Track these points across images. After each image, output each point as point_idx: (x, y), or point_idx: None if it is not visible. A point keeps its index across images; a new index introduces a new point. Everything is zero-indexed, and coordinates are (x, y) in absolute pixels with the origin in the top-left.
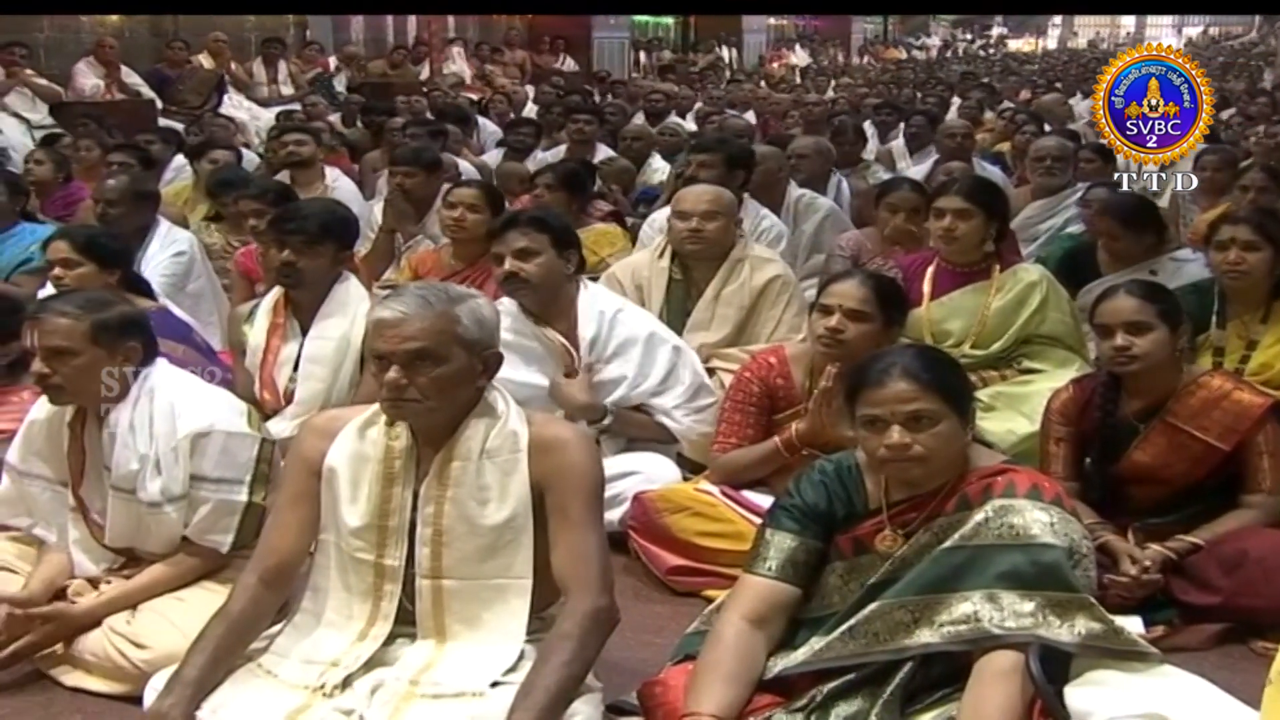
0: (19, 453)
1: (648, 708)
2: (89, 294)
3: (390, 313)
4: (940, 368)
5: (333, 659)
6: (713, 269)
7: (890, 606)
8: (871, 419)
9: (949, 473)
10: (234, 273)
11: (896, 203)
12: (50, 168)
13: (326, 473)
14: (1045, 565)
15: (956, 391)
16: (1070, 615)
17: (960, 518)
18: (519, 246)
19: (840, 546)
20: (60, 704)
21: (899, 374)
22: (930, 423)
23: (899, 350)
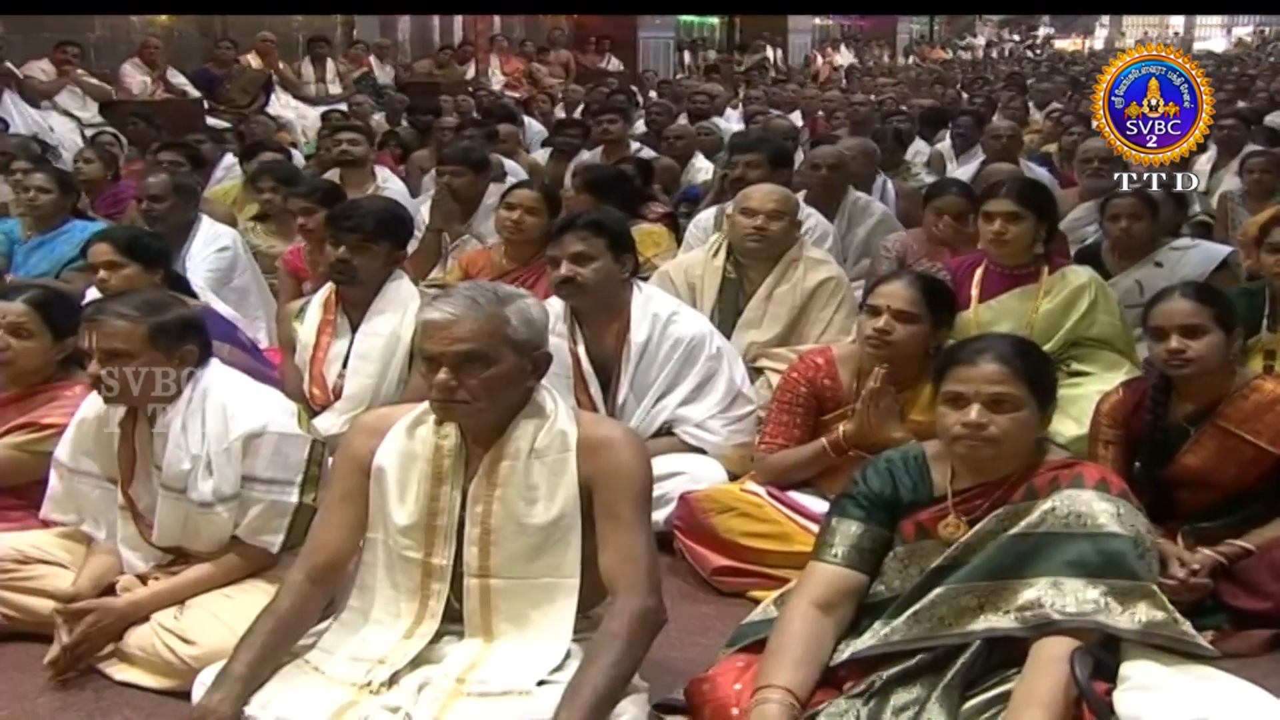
0: (69, 450)
1: (695, 705)
2: (147, 296)
3: (439, 314)
4: (1032, 358)
5: (380, 656)
6: (767, 268)
7: (957, 591)
8: (955, 395)
9: (1016, 462)
10: (281, 271)
11: (944, 206)
12: (99, 166)
13: (375, 471)
14: (1110, 554)
15: (1042, 384)
16: (1133, 603)
17: (1026, 506)
18: (575, 250)
19: (903, 531)
20: (109, 698)
21: (992, 356)
22: (1010, 407)
23: (996, 335)
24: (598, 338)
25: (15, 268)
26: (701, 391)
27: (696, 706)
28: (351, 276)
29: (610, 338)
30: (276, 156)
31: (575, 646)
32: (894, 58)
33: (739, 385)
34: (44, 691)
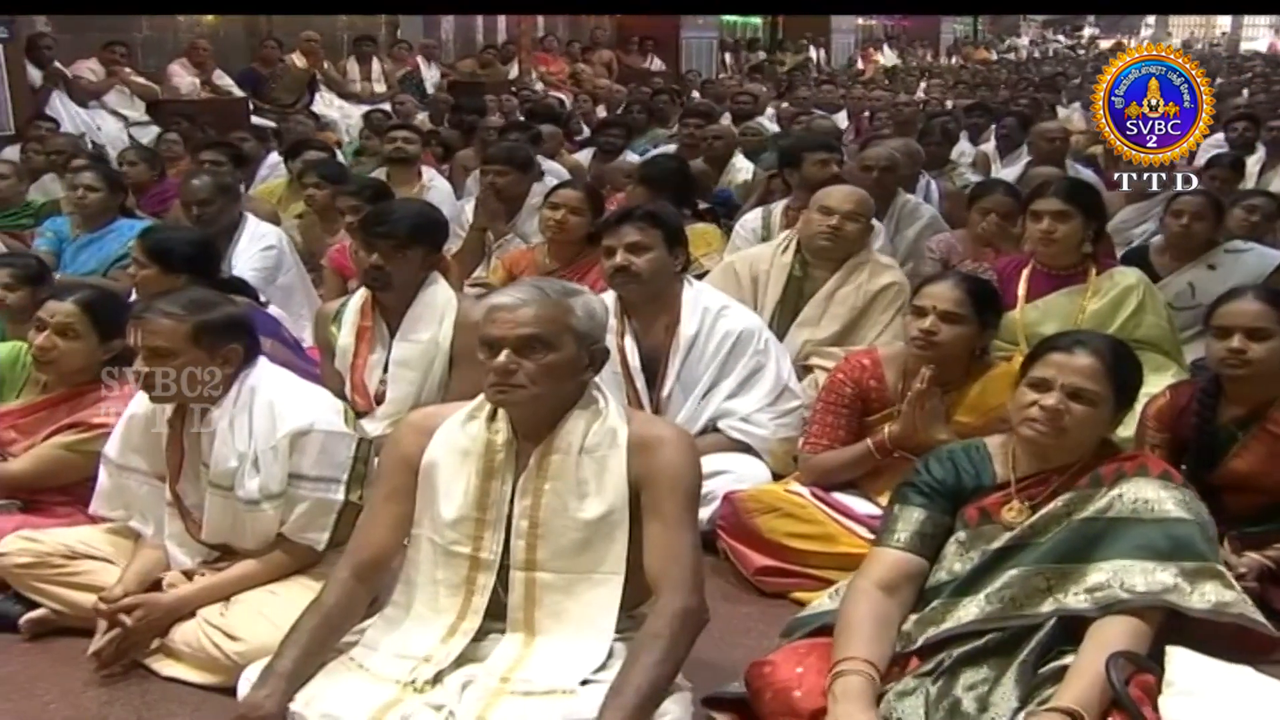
0: (117, 447)
1: (755, 689)
2: (194, 295)
3: (506, 299)
4: (1124, 361)
5: (424, 654)
6: (833, 268)
7: (1027, 574)
8: (1040, 380)
9: (1077, 454)
10: (326, 270)
11: (990, 205)
12: (144, 167)
13: (425, 467)
14: (1178, 538)
15: (1126, 387)
16: (1202, 583)
17: (1091, 493)
18: (631, 240)
19: (965, 516)
20: (155, 693)
21: (1089, 350)
22: (1089, 402)
23: (1094, 333)
24: (647, 331)
25: (64, 265)
26: (748, 385)
27: (757, 690)
28: (386, 283)
29: (659, 331)
30: (321, 155)
31: (619, 645)
32: (937, 58)
33: (785, 379)
34: (91, 685)
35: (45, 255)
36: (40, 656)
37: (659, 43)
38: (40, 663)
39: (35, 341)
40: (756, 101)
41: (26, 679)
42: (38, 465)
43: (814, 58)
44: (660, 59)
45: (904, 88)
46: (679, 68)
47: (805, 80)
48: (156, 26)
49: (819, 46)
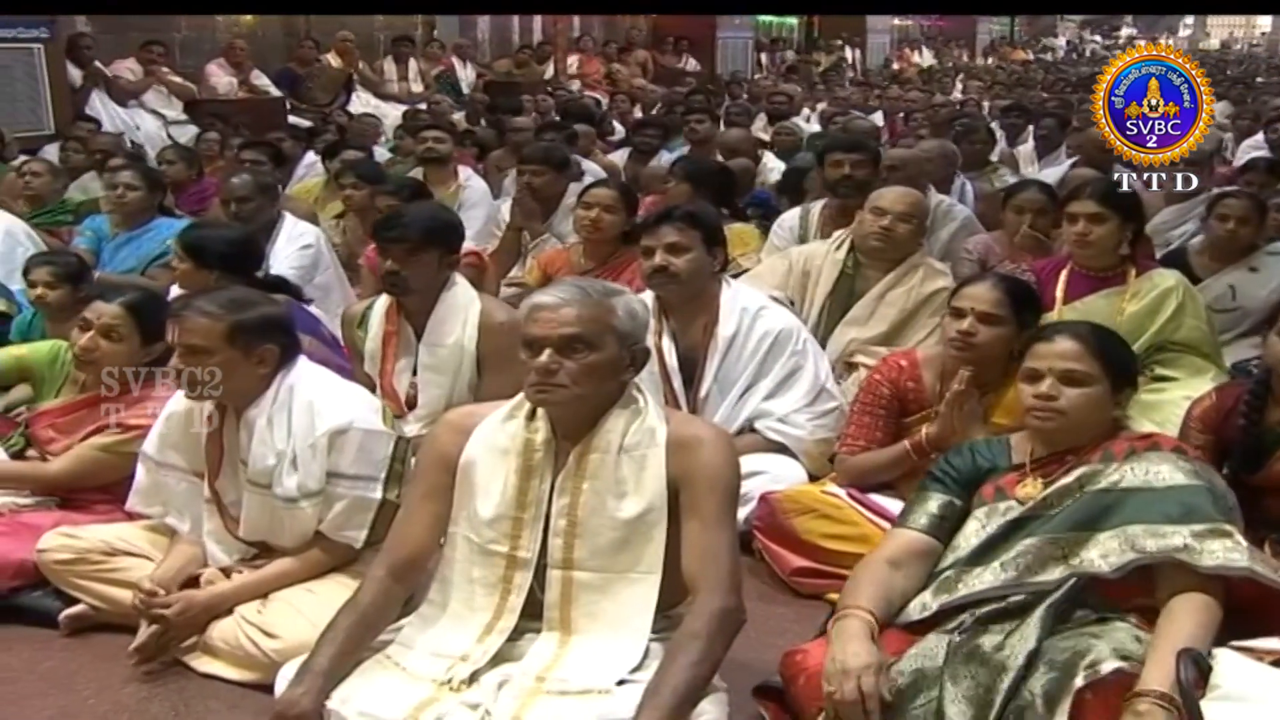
0: (156, 443)
1: (789, 675)
2: (233, 294)
3: (548, 298)
4: (1107, 339)
5: (460, 653)
6: (886, 269)
7: (1041, 542)
8: (1031, 371)
9: (1087, 435)
10: (363, 269)
11: (1023, 204)
12: (182, 166)
13: (464, 466)
14: (1188, 503)
15: (1116, 363)
16: (1210, 541)
17: (1102, 468)
18: (670, 241)
19: (983, 494)
20: (193, 690)
21: (1069, 334)
22: (1081, 383)
23: (1078, 321)
24: (684, 331)
25: (103, 264)
26: (786, 385)
27: (791, 677)
28: (404, 287)
29: (697, 332)
30: (357, 155)
31: (655, 645)
32: (973, 58)
33: (823, 380)
34: (130, 681)
35: (84, 253)
36: (79, 652)
37: (694, 43)
38: (79, 658)
39: (79, 341)
40: (792, 102)
41: (66, 674)
42: (77, 466)
43: (849, 58)
44: (696, 59)
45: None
46: (714, 68)
47: (840, 80)
48: (195, 26)
49: (854, 47)
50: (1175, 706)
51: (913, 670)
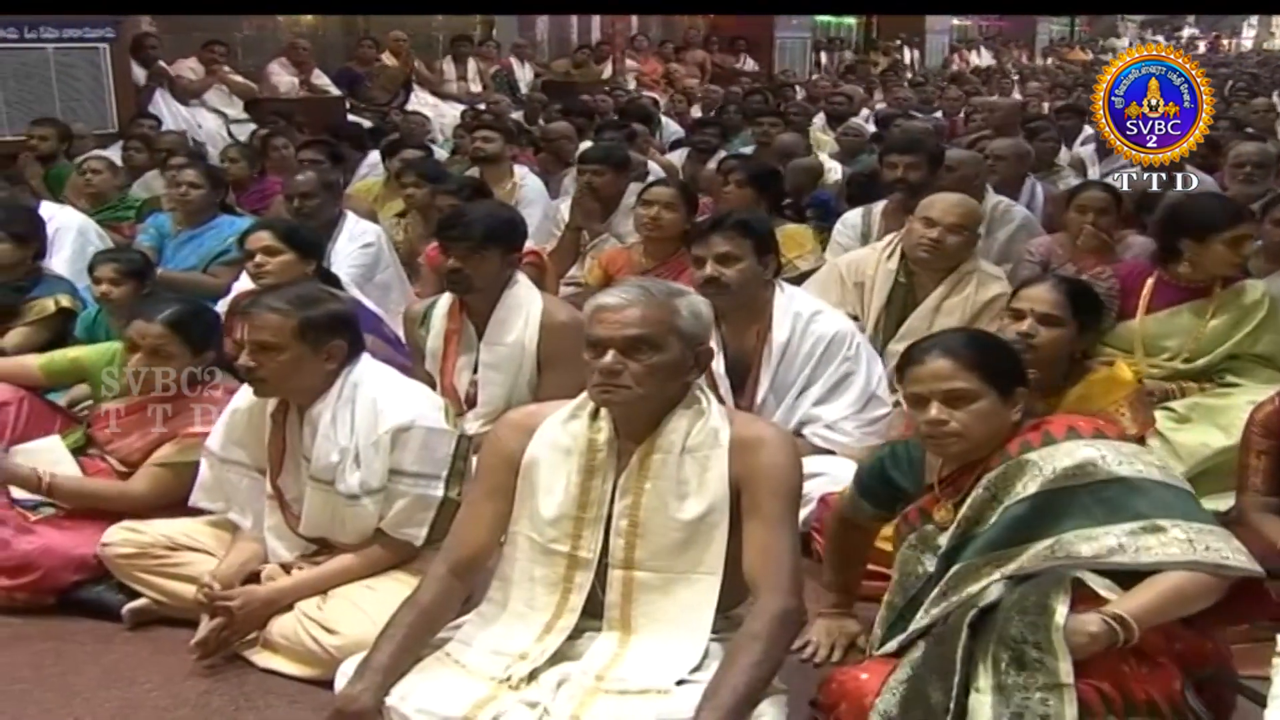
0: (220, 439)
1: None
2: (301, 290)
3: (613, 299)
4: (981, 348)
5: (520, 652)
6: (939, 278)
7: (973, 566)
8: (913, 396)
9: (989, 446)
10: (423, 267)
11: (1087, 203)
12: (244, 164)
13: (526, 465)
14: (1109, 501)
15: (998, 371)
16: (1145, 539)
17: (1005, 471)
18: (721, 251)
19: (909, 519)
20: (253, 685)
21: (939, 353)
22: (967, 400)
23: (945, 331)
24: (736, 338)
25: (165, 261)
26: (836, 391)
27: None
28: (466, 285)
29: (750, 338)
30: (417, 154)
31: (715, 646)
32: (1032, 59)
33: (874, 387)
34: (191, 675)
35: (147, 251)
36: (141, 645)
37: (752, 43)
38: (141, 652)
39: (129, 364)
40: (851, 102)
41: (128, 667)
42: (153, 487)
43: (908, 58)
44: (753, 59)
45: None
46: (772, 68)
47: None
48: (256, 26)
49: (913, 47)
50: (1124, 628)
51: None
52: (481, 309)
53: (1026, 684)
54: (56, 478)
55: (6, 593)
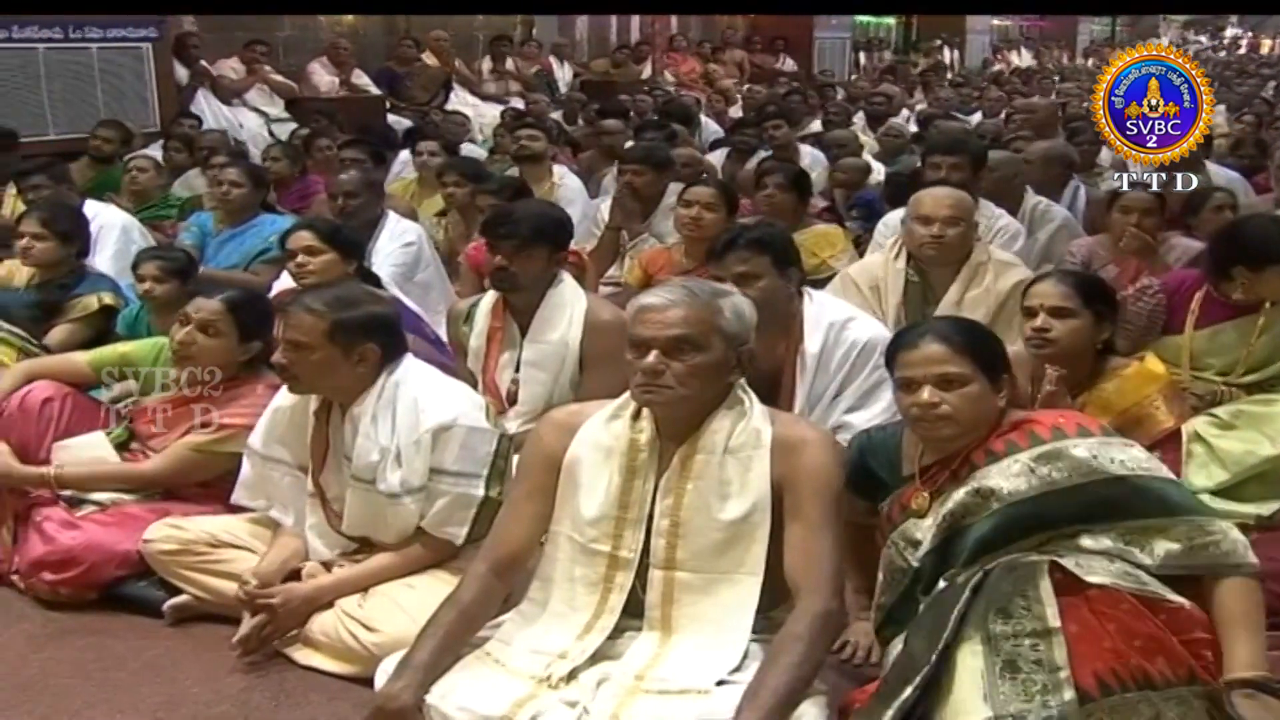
0: (262, 437)
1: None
2: (341, 292)
3: (656, 299)
4: (972, 334)
5: (560, 651)
6: (951, 273)
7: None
8: (905, 380)
9: (976, 434)
10: (463, 267)
11: (1131, 204)
12: (286, 164)
13: (568, 465)
14: (1108, 499)
15: (987, 356)
16: (1149, 540)
17: (990, 470)
18: (738, 271)
19: (890, 517)
20: (293, 681)
21: (932, 337)
22: (959, 384)
23: (935, 318)
24: (767, 351)
25: (207, 259)
26: (869, 398)
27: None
28: (512, 283)
29: (779, 350)
30: (430, 144)
31: (755, 647)
32: (1073, 59)
33: None
34: (232, 672)
35: (189, 249)
36: (183, 641)
37: (792, 43)
38: (182, 647)
39: (176, 335)
40: (891, 102)
41: (170, 663)
42: (172, 464)
43: (948, 59)
44: (792, 59)
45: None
46: (811, 68)
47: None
48: (298, 26)
49: (953, 47)
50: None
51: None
52: (526, 307)
53: (1015, 631)
54: (64, 469)
55: (50, 587)
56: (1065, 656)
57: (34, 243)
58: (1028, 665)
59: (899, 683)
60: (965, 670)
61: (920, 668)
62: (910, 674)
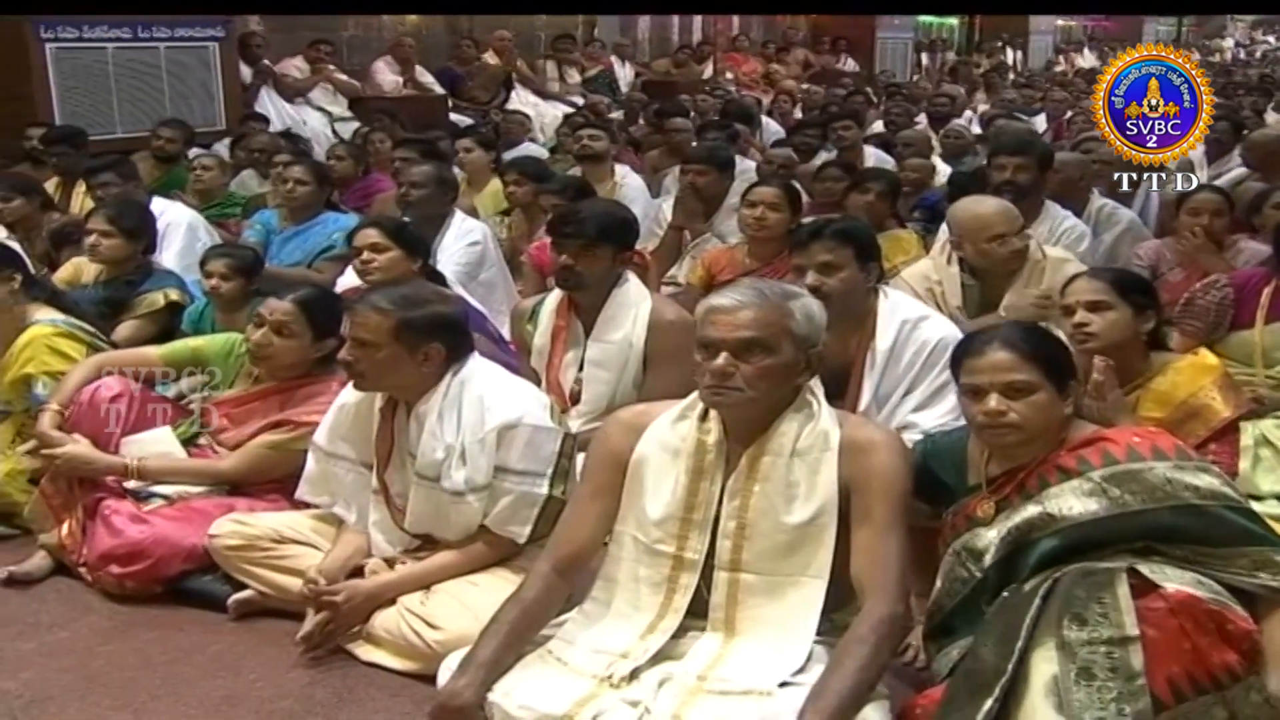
0: (327, 434)
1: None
2: (408, 291)
3: (726, 301)
4: (1039, 341)
5: (622, 650)
6: (1009, 277)
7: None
8: (972, 388)
9: (1045, 442)
10: (526, 266)
11: (1199, 206)
12: (350, 162)
13: (634, 465)
14: (1178, 526)
15: (1055, 364)
16: (1218, 562)
17: (1061, 489)
18: (822, 260)
19: (954, 525)
20: (356, 677)
21: (999, 344)
22: (1026, 392)
23: (1004, 323)
24: (839, 346)
25: (270, 257)
26: (937, 398)
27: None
28: (577, 282)
29: (850, 346)
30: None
31: (818, 649)
32: None
33: None
34: (295, 667)
35: (254, 246)
36: (246, 636)
37: (854, 43)
38: (246, 642)
39: (253, 337)
40: (954, 103)
41: (233, 657)
42: (248, 462)
43: (1011, 59)
44: (855, 60)
45: None
46: (873, 69)
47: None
48: (361, 25)
49: (1016, 48)
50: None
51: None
52: (590, 306)
53: (1091, 639)
54: (145, 460)
55: (117, 580)
56: (1142, 664)
57: (101, 240)
58: (1103, 673)
59: (972, 691)
60: (1039, 677)
61: (997, 676)
62: (983, 682)
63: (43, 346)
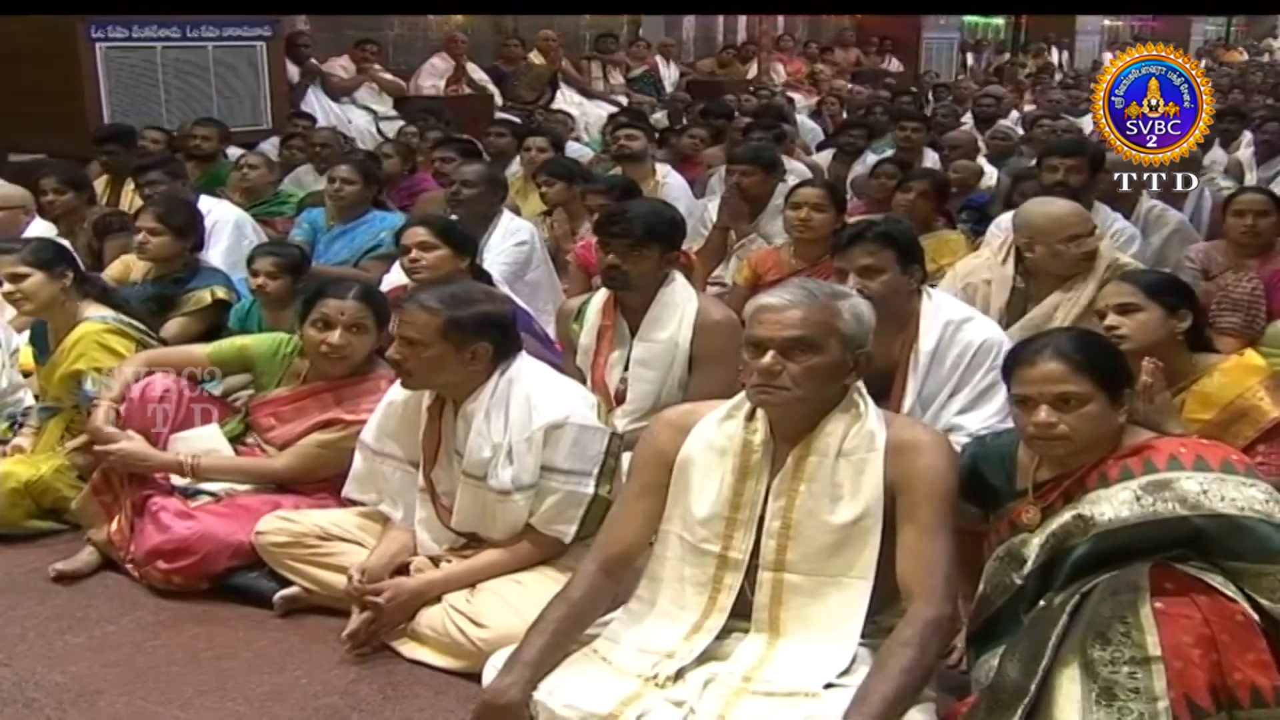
0: (374, 432)
1: None
2: (457, 289)
3: (774, 299)
4: (1093, 350)
5: (667, 650)
6: (1063, 280)
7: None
8: (1022, 398)
9: (1097, 453)
10: (572, 265)
11: (1245, 206)
12: (398, 161)
13: (680, 464)
14: (1205, 534)
15: (1108, 373)
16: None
17: (1098, 495)
18: (863, 263)
19: (1000, 529)
20: (400, 675)
21: (1050, 354)
22: (1078, 404)
23: (1057, 331)
24: (883, 348)
25: (318, 255)
26: (982, 399)
27: None
28: (624, 282)
29: (895, 348)
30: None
31: (863, 650)
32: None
33: None
34: (340, 664)
35: (301, 244)
36: (292, 633)
37: (899, 43)
38: (291, 639)
39: (329, 340)
40: (999, 104)
41: (279, 653)
42: (301, 461)
43: (1057, 60)
44: (900, 60)
45: None
46: (918, 69)
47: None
48: (408, 25)
49: (1062, 48)
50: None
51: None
52: (637, 306)
53: (1113, 658)
54: (199, 458)
55: (164, 575)
56: (1164, 686)
57: (149, 237)
58: (1124, 693)
59: (992, 709)
60: (1064, 697)
61: (1019, 695)
62: (1006, 700)
63: (93, 343)
